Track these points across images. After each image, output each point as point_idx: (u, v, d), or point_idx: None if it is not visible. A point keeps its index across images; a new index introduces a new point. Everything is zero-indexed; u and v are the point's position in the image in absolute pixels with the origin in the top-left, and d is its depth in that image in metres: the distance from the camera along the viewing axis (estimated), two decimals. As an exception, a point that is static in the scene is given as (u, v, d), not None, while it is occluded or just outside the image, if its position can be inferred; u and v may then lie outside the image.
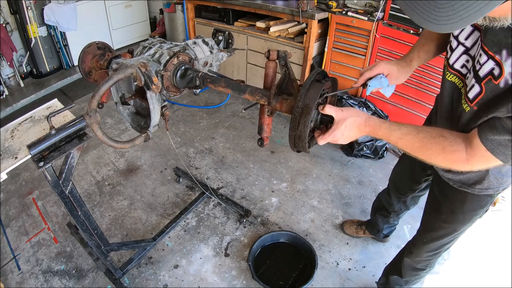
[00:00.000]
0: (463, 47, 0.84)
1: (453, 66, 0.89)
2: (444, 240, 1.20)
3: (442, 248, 1.25)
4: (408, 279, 1.46)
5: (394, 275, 1.50)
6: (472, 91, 0.79)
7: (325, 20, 2.69)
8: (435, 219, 1.18)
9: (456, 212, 1.09)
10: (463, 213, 1.08)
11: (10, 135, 1.18)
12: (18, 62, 3.76)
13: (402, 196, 1.60)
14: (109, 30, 4.44)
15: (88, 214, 1.33)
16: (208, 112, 3.29)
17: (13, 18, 3.52)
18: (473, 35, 0.81)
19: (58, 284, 1.76)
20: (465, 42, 0.83)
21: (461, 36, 0.84)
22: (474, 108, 0.79)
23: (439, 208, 1.15)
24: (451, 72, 0.90)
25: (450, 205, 1.10)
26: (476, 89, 0.77)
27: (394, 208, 1.69)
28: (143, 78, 0.99)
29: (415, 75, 2.37)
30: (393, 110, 2.62)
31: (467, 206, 1.06)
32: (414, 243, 1.35)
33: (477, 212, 1.07)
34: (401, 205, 1.66)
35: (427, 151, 0.81)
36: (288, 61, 0.95)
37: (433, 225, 1.20)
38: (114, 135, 2.96)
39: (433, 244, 1.24)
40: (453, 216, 1.11)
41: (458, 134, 0.79)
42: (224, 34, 1.31)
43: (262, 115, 1.02)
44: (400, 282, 1.50)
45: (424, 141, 0.80)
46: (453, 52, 0.88)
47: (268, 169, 2.55)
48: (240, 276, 1.82)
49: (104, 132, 0.98)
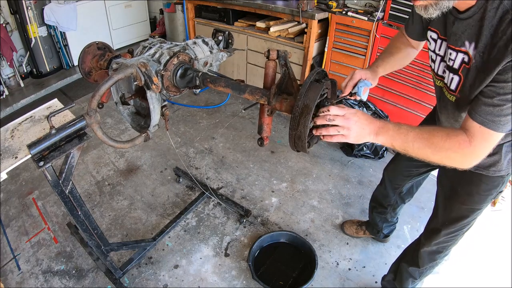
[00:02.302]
0: (439, 57, 1.04)
1: (437, 73, 1.07)
2: (464, 221, 1.23)
3: (462, 230, 1.27)
4: (424, 268, 1.45)
5: (410, 266, 1.49)
6: (453, 83, 0.96)
7: (325, 20, 2.69)
8: (453, 201, 1.23)
9: (472, 194, 1.17)
10: (479, 194, 1.16)
11: (10, 135, 1.18)
12: (18, 62, 3.76)
13: (397, 187, 1.62)
14: (109, 30, 4.44)
15: (88, 214, 1.33)
16: (208, 112, 3.29)
17: (13, 18, 3.52)
18: (442, 45, 1.01)
19: (58, 284, 1.76)
20: (439, 52, 1.03)
21: (436, 48, 1.04)
22: (458, 96, 0.97)
23: (456, 191, 1.20)
24: (438, 78, 1.08)
25: (468, 187, 1.17)
26: (456, 79, 0.94)
27: (390, 201, 1.71)
28: (143, 78, 0.99)
29: (415, 75, 2.38)
30: (393, 110, 2.62)
31: (482, 187, 1.14)
32: (432, 228, 1.34)
33: (491, 192, 1.15)
34: (397, 197, 1.68)
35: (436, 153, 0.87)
36: (288, 61, 0.95)
37: (452, 207, 1.24)
38: (114, 135, 2.96)
39: (454, 226, 1.25)
40: (470, 198, 1.18)
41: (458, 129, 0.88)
42: (224, 34, 1.31)
43: (262, 114, 1.02)
44: (415, 274, 1.49)
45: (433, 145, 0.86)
46: (435, 63, 1.07)
47: (268, 169, 2.55)
48: (240, 276, 1.82)
49: (104, 132, 0.99)
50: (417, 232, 2.05)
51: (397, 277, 1.58)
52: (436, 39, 1.03)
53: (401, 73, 2.43)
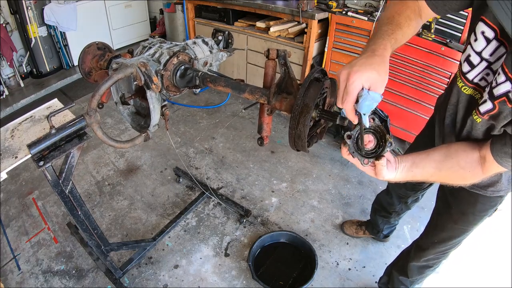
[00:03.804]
0: (486, 63, 0.77)
1: (472, 81, 0.82)
2: (454, 241, 1.20)
3: (452, 248, 1.25)
4: (414, 278, 1.46)
5: (400, 275, 1.50)
6: (484, 106, 0.75)
7: (325, 20, 2.69)
8: (445, 220, 1.18)
9: (466, 214, 1.10)
10: (474, 214, 1.09)
11: (10, 135, 1.18)
12: (18, 62, 3.76)
13: (403, 196, 1.59)
14: (109, 30, 4.44)
15: (88, 214, 1.33)
16: (208, 112, 3.29)
17: (13, 18, 3.52)
18: (498, 51, 0.74)
19: (58, 284, 1.76)
20: (489, 58, 0.76)
21: (485, 52, 0.76)
22: (486, 119, 0.77)
23: (450, 210, 1.14)
24: (469, 86, 0.84)
25: (461, 207, 1.10)
26: (489, 105, 0.73)
27: (395, 209, 1.68)
28: (143, 77, 0.99)
29: (415, 75, 2.37)
30: (393, 110, 2.61)
31: (478, 208, 1.06)
32: (421, 245, 1.34)
33: (488, 212, 1.08)
34: (402, 205, 1.65)
35: (450, 182, 0.86)
36: (287, 60, 0.95)
37: (444, 226, 1.19)
38: (114, 135, 2.96)
39: (443, 245, 1.24)
40: (464, 218, 1.11)
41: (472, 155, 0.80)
42: (224, 34, 1.31)
43: (262, 114, 1.02)
44: (406, 283, 1.50)
45: (446, 177, 0.85)
46: (474, 68, 0.80)
47: (268, 169, 2.55)
48: (240, 276, 1.81)
49: (104, 132, 0.98)
50: (417, 232, 2.05)
51: (390, 282, 1.59)
52: (491, 39, 0.73)
53: (402, 73, 2.43)
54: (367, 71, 0.68)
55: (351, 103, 0.70)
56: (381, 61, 0.71)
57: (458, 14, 2.16)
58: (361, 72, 0.68)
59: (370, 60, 0.70)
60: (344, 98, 0.70)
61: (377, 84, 0.69)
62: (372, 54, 0.72)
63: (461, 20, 2.17)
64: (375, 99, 0.69)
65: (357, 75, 0.68)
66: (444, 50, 2.16)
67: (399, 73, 2.45)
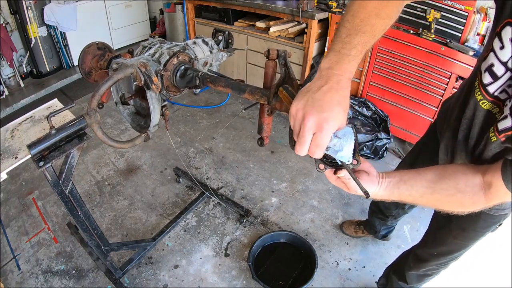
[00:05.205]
0: (510, 73, 0.66)
1: (493, 94, 0.71)
2: (454, 254, 1.18)
3: (452, 260, 1.23)
4: (413, 285, 1.46)
5: (400, 281, 1.49)
6: (504, 123, 0.66)
7: (325, 20, 2.69)
8: (445, 234, 1.14)
9: (467, 230, 1.06)
10: (475, 231, 1.05)
11: (10, 135, 1.18)
12: (18, 62, 3.76)
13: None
14: (109, 30, 4.44)
15: (88, 214, 1.33)
16: (208, 112, 3.29)
17: (13, 18, 3.52)
18: None
19: (58, 284, 1.76)
20: None
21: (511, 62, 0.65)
22: (501, 140, 0.67)
23: (450, 224, 1.10)
24: (488, 100, 0.72)
25: (461, 223, 1.05)
26: (509, 122, 0.64)
27: (391, 213, 1.67)
28: (143, 77, 0.99)
29: (415, 75, 2.37)
30: (393, 110, 2.62)
31: (480, 224, 1.01)
32: (420, 256, 1.31)
33: (491, 228, 1.04)
34: (399, 210, 1.63)
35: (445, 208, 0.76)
36: (287, 60, 0.95)
37: (443, 240, 1.16)
38: (114, 135, 2.96)
39: (443, 258, 1.22)
40: (464, 234, 1.08)
41: (473, 179, 0.70)
42: (224, 34, 1.31)
43: (262, 114, 1.02)
44: (405, 287, 1.50)
45: (440, 202, 0.74)
46: (498, 80, 0.68)
47: (268, 169, 2.55)
48: (240, 276, 1.81)
49: (104, 132, 0.99)
50: (417, 232, 2.06)
51: (388, 283, 1.59)
52: None
53: (402, 73, 2.43)
54: (338, 116, 0.58)
55: (322, 153, 0.62)
56: (347, 95, 0.62)
57: (458, 14, 2.17)
58: (333, 120, 0.58)
59: (337, 97, 0.59)
60: (313, 150, 0.61)
61: (343, 122, 0.61)
62: (336, 86, 0.60)
63: (461, 20, 2.17)
64: (350, 136, 0.61)
65: (329, 125, 0.58)
66: (444, 50, 2.16)
67: (399, 73, 2.45)
